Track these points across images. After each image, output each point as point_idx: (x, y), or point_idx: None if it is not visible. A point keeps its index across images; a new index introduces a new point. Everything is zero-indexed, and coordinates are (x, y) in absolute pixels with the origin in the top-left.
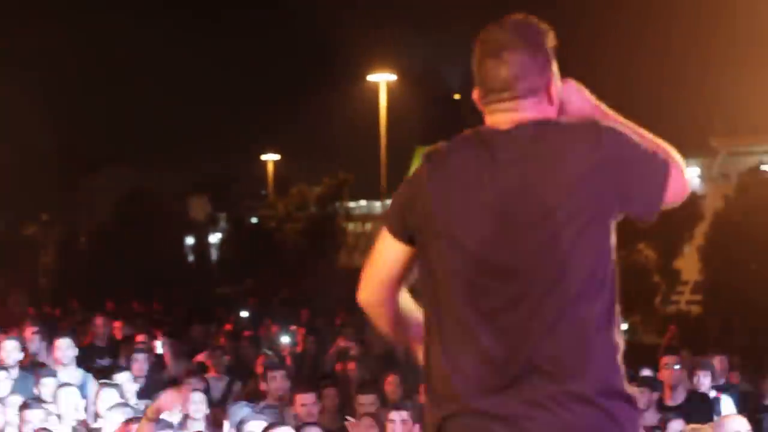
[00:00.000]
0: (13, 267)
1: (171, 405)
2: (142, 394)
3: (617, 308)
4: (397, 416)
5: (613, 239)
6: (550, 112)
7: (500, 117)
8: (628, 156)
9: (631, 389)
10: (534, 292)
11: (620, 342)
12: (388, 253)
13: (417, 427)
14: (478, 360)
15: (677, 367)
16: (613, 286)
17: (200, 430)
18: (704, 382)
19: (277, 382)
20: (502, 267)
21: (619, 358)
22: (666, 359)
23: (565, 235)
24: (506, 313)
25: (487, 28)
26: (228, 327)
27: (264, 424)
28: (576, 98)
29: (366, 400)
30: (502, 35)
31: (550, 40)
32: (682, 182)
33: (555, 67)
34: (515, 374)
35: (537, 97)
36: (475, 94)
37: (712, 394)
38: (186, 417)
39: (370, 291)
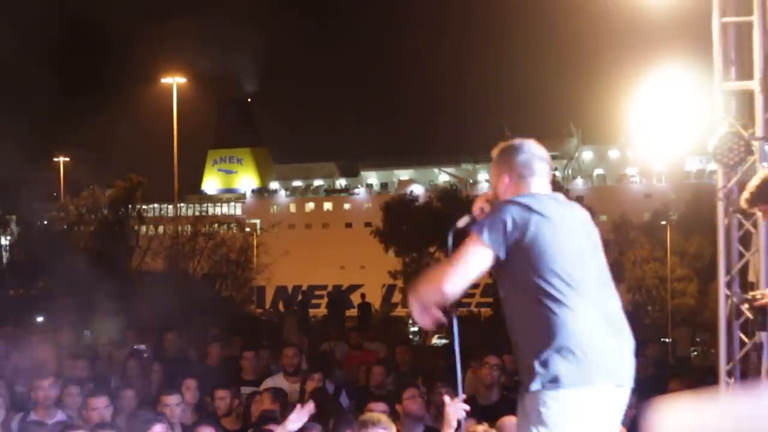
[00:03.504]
0: None
1: None
2: None
3: None
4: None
5: None
6: None
7: (543, 188)
8: None
9: None
10: (605, 281)
11: None
12: (481, 259)
13: None
14: (595, 321)
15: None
16: None
17: None
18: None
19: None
20: (588, 264)
21: None
22: (487, 358)
23: (599, 249)
24: (601, 297)
25: (527, 143)
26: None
27: None
28: None
29: (172, 401)
30: (542, 150)
31: None
32: None
33: None
34: (614, 327)
35: None
36: (507, 178)
37: None
38: None
39: (459, 286)
